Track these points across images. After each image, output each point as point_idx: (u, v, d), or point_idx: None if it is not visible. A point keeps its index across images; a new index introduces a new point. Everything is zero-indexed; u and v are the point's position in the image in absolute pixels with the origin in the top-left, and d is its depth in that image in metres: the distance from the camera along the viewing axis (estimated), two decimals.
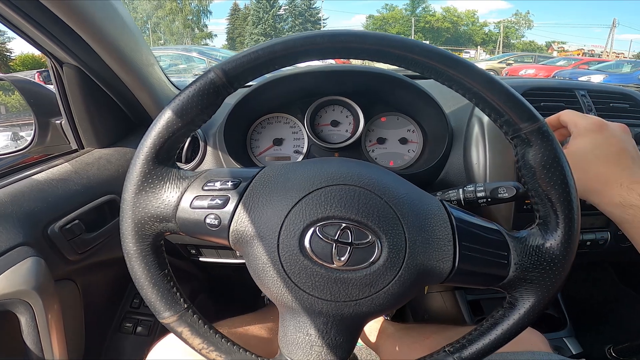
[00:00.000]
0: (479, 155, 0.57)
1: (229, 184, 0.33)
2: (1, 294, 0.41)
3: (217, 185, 0.33)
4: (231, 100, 0.61)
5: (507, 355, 0.47)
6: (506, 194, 0.42)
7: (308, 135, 0.66)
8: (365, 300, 0.31)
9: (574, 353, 0.82)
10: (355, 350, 1.01)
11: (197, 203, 0.32)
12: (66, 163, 0.58)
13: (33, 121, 0.63)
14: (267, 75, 0.60)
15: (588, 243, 0.62)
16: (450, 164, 0.61)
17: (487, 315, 0.56)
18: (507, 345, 0.42)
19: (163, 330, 0.77)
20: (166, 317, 0.34)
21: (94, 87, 0.59)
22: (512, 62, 12.71)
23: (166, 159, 0.33)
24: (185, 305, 0.34)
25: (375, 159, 0.67)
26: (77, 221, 0.52)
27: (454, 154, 0.61)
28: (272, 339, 0.59)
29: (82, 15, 0.46)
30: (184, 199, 0.33)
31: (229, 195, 0.32)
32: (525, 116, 0.31)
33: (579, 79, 7.78)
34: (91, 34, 0.49)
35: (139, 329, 0.76)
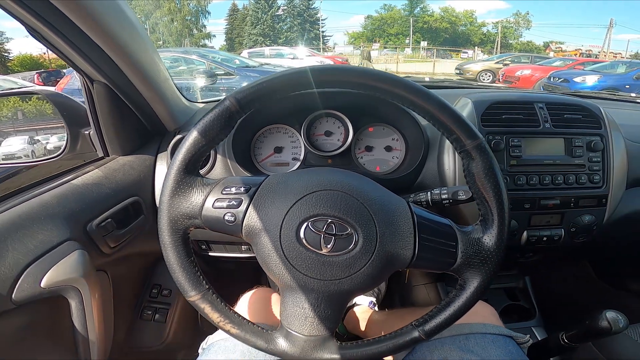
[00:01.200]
0: (450, 162, 0.66)
1: (242, 189, 0.42)
2: (58, 281, 0.50)
3: (233, 190, 0.42)
4: None
5: (463, 326, 0.55)
6: (464, 196, 0.52)
7: (304, 144, 0.75)
8: (346, 280, 0.40)
9: (539, 339, 0.91)
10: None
11: (217, 204, 0.41)
12: (97, 169, 0.67)
13: (65, 131, 0.72)
14: None
15: (544, 239, 0.71)
16: (427, 169, 0.70)
17: None
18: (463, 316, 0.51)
19: (177, 318, 0.86)
20: (192, 295, 0.42)
21: (118, 101, 0.68)
22: (509, 62, 12.77)
23: (193, 170, 0.42)
24: (207, 287, 0.43)
25: (364, 164, 0.77)
26: (109, 219, 0.62)
27: (430, 160, 0.70)
28: (274, 324, 0.68)
29: (112, 38, 0.55)
30: (208, 201, 0.42)
31: (242, 198, 0.42)
32: (468, 135, 0.40)
33: (574, 79, 7.83)
34: (119, 54, 0.58)
35: (157, 316, 0.85)
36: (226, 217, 0.41)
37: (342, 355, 0.42)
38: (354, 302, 1.14)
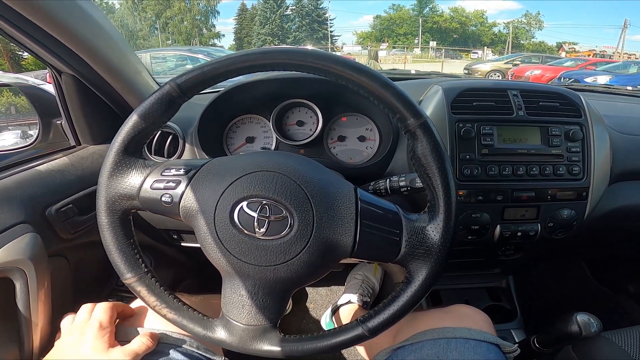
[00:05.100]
0: None
1: (182, 170, 0.41)
2: (3, 262, 0.50)
3: (173, 172, 0.41)
4: (205, 102, 0.70)
5: (447, 330, 0.53)
6: (421, 184, 0.50)
7: (275, 134, 0.74)
8: (282, 266, 0.38)
9: (517, 341, 0.88)
10: None
11: (155, 185, 0.41)
12: (64, 157, 0.67)
13: (37, 121, 0.72)
14: (239, 79, 0.68)
15: (519, 234, 0.68)
16: (397, 158, 0.68)
17: (445, 303, 0.62)
18: (451, 320, 0.47)
19: None
20: (128, 277, 0.41)
21: (88, 92, 0.68)
22: (519, 62, 12.60)
23: (134, 152, 0.42)
24: (146, 270, 0.42)
25: (337, 154, 0.75)
26: (71, 205, 0.61)
27: (400, 149, 0.68)
28: None
29: (72, 34, 0.55)
30: (146, 182, 0.41)
31: (181, 179, 0.41)
32: (412, 113, 0.38)
33: (585, 79, 7.69)
34: (83, 49, 0.58)
35: None
36: (163, 198, 0.40)
37: (282, 348, 0.40)
38: (347, 301, 1.12)
